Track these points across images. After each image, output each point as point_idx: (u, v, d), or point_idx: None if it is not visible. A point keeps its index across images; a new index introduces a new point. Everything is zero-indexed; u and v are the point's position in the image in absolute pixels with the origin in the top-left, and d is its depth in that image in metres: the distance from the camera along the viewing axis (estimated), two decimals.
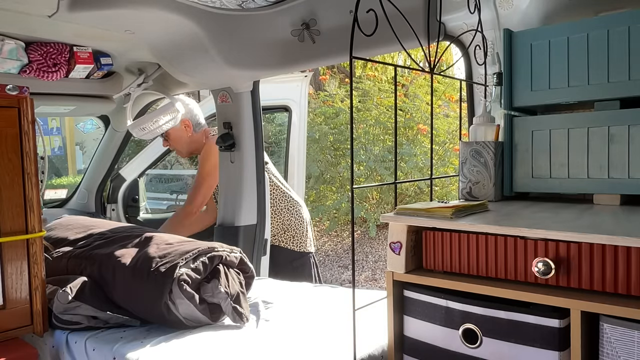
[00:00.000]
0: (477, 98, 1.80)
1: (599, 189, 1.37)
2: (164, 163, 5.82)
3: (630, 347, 0.95)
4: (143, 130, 2.73)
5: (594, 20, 1.38)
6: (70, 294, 1.65)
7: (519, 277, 1.10)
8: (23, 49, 2.19)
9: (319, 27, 2.02)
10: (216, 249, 1.75)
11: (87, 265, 1.80)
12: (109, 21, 2.01)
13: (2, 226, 1.56)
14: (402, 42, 1.32)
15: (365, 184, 5.95)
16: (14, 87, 1.56)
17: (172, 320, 1.63)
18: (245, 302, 1.72)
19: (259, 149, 2.65)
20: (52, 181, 7.38)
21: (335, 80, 7.55)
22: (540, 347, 1.05)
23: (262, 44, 2.19)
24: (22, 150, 1.59)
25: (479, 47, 1.63)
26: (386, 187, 5.98)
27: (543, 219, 1.20)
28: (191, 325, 1.66)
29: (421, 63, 4.48)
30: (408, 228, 1.24)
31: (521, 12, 1.60)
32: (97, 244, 1.92)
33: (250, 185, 2.63)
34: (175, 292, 1.61)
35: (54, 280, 1.78)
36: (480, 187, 1.49)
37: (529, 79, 1.47)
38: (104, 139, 3.37)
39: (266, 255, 2.77)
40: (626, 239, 0.95)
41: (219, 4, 2.06)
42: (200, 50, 2.21)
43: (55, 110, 2.98)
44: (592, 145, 1.37)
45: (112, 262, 1.75)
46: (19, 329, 1.60)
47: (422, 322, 1.22)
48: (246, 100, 2.59)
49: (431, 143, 1.75)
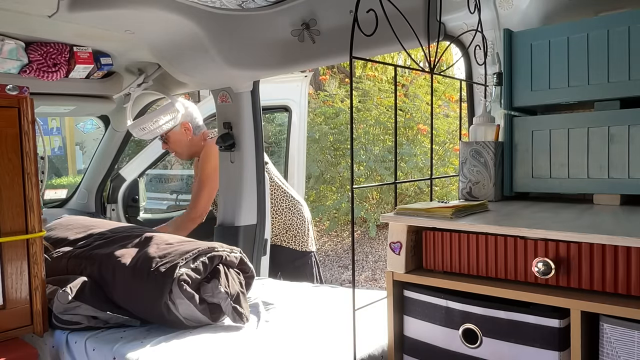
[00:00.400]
0: (477, 98, 1.80)
1: (599, 189, 1.37)
2: (164, 163, 5.82)
3: (630, 347, 0.95)
4: (143, 130, 2.73)
5: (594, 20, 1.38)
6: (70, 294, 1.65)
7: (519, 277, 1.10)
8: (23, 49, 2.19)
9: (319, 27, 2.02)
10: (216, 249, 1.75)
11: (87, 265, 1.80)
12: (109, 21, 2.01)
13: (2, 226, 1.56)
14: (402, 42, 1.32)
15: (365, 184, 5.95)
16: (14, 87, 1.56)
17: (172, 320, 1.63)
18: (245, 302, 1.72)
19: (259, 149, 2.65)
20: (52, 181, 7.38)
21: (335, 80, 7.55)
22: (540, 347, 1.05)
23: (262, 44, 2.19)
24: (22, 150, 1.59)
25: (479, 47, 1.63)
26: (386, 187, 5.98)
27: (543, 219, 1.20)
28: (191, 325, 1.66)
29: (421, 63, 4.48)
30: (408, 228, 1.24)
31: (521, 12, 1.60)
32: (97, 244, 1.92)
33: (250, 185, 2.63)
34: (175, 292, 1.61)
35: (54, 280, 1.78)
36: (480, 187, 1.49)
37: (529, 79, 1.47)
38: (104, 139, 3.37)
39: (266, 255, 2.77)
40: (626, 239, 0.95)
41: (219, 4, 2.06)
42: (200, 50, 2.21)
43: (55, 110, 2.98)
44: (592, 145, 1.37)
45: (112, 262, 1.75)
46: (19, 329, 1.60)
47: (422, 322, 1.22)
48: (246, 100, 2.59)
49: (431, 143, 1.75)
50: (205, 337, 1.59)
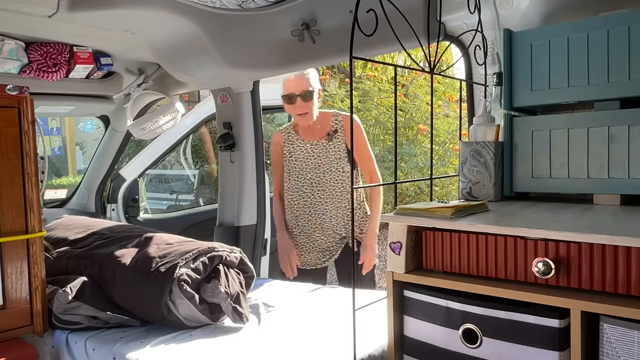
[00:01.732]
0: (477, 98, 1.80)
1: (599, 189, 1.37)
2: (164, 163, 5.82)
3: (630, 347, 0.95)
4: (143, 130, 2.73)
5: (594, 20, 1.37)
6: (70, 294, 1.65)
7: (519, 277, 1.10)
8: (23, 49, 2.19)
9: (319, 27, 2.02)
10: (216, 249, 1.75)
11: (87, 265, 1.80)
12: (109, 21, 2.01)
13: (2, 226, 1.56)
14: (402, 42, 1.32)
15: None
16: (14, 87, 1.56)
17: (172, 320, 1.63)
18: (245, 302, 1.72)
19: (259, 149, 2.65)
20: (52, 181, 7.38)
21: (335, 80, 7.54)
22: (540, 347, 1.05)
23: (262, 44, 2.19)
24: (22, 150, 1.59)
25: (479, 47, 1.63)
26: (386, 187, 5.98)
27: (543, 219, 1.20)
28: (191, 325, 1.66)
29: (421, 63, 4.47)
30: (408, 228, 1.24)
31: (521, 12, 1.60)
32: (97, 244, 1.92)
33: (250, 185, 2.64)
34: (175, 292, 1.61)
35: (54, 280, 1.78)
36: (480, 187, 1.48)
37: (529, 79, 1.47)
38: (104, 139, 3.37)
39: (266, 255, 2.77)
40: (626, 239, 0.95)
41: (219, 4, 2.06)
42: (200, 50, 2.21)
43: (55, 110, 2.98)
44: (592, 145, 1.37)
45: (112, 262, 1.75)
46: (19, 329, 1.60)
47: (422, 322, 1.22)
48: (246, 100, 2.59)
49: (431, 143, 1.75)
50: (205, 338, 1.59)
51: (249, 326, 1.68)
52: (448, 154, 5.91)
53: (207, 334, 1.62)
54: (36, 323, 1.64)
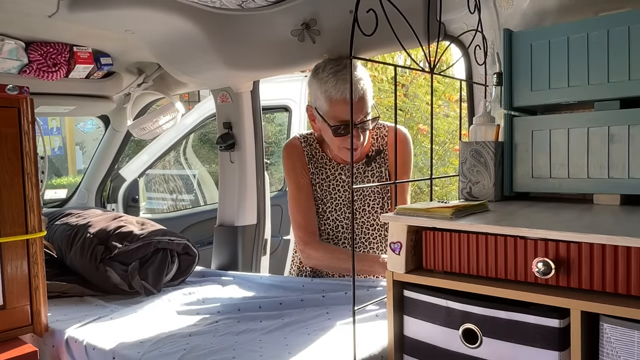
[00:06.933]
0: (477, 98, 1.80)
1: (599, 189, 1.37)
2: (164, 163, 5.82)
3: (630, 347, 0.95)
4: (143, 130, 2.73)
5: (594, 20, 1.37)
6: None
7: (519, 277, 1.10)
8: (23, 49, 2.19)
9: (319, 27, 2.02)
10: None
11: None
12: (109, 21, 2.01)
13: (2, 226, 1.56)
14: (402, 42, 1.32)
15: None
16: (14, 87, 1.56)
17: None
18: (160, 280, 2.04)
19: (258, 149, 2.65)
20: (52, 181, 7.38)
21: None
22: (540, 347, 1.05)
23: (262, 44, 2.19)
24: (22, 150, 1.59)
25: (479, 47, 1.63)
26: None
27: (543, 219, 1.20)
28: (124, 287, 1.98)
29: (421, 63, 4.47)
30: (408, 228, 1.24)
31: (521, 12, 1.60)
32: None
33: (250, 185, 2.64)
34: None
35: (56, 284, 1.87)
36: (480, 187, 1.49)
37: (529, 79, 1.47)
38: (104, 139, 3.37)
39: (266, 255, 2.77)
40: (626, 239, 0.95)
41: (219, 4, 2.06)
42: (200, 51, 2.21)
43: (55, 110, 2.98)
44: (592, 145, 1.37)
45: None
46: (19, 329, 1.60)
47: (422, 322, 1.22)
48: (246, 100, 2.59)
49: (431, 143, 1.74)
50: (206, 338, 1.59)
51: (250, 326, 1.68)
52: (448, 154, 5.92)
53: (207, 335, 1.62)
54: (36, 323, 1.64)
